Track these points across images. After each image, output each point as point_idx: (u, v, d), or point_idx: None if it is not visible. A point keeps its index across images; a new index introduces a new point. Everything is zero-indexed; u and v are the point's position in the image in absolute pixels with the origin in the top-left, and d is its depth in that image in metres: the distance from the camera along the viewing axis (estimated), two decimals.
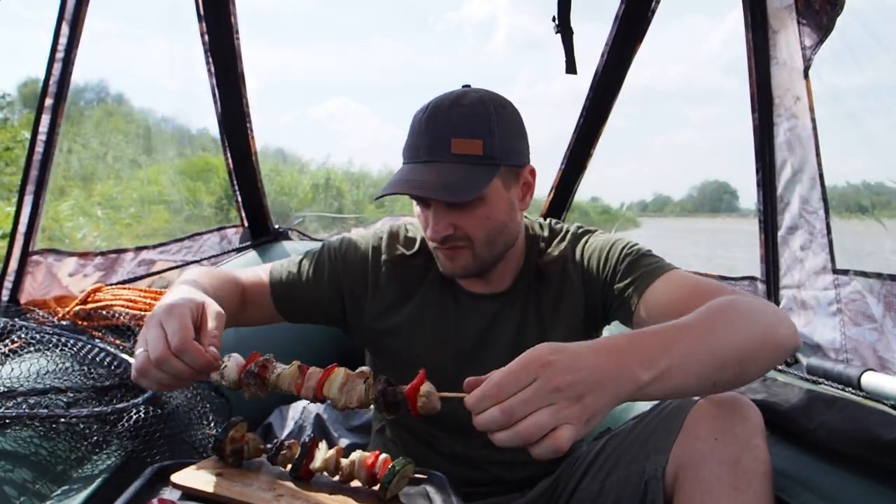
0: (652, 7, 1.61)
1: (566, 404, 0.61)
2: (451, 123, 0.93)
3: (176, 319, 0.78)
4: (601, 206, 27.19)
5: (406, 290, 1.08)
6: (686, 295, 0.88)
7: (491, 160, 0.93)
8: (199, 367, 0.77)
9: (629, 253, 1.01)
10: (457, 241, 0.96)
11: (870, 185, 1.44)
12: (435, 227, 0.95)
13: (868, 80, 1.38)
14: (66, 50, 1.34)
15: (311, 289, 1.09)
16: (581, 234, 1.09)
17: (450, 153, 0.92)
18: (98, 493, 0.82)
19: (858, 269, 1.34)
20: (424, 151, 0.93)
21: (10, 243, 1.37)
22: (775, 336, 0.77)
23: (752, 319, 0.77)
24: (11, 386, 0.94)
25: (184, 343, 0.76)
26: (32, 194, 1.36)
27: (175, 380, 0.78)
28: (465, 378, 1.03)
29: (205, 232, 2.04)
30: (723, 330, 0.74)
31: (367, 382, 0.74)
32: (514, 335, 1.05)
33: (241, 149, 1.94)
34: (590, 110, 1.84)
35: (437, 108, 0.94)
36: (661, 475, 0.92)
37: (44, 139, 1.35)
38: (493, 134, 0.93)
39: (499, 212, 0.97)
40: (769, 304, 0.85)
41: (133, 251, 1.76)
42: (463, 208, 0.94)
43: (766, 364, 0.79)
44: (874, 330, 1.29)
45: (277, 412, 1.50)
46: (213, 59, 1.77)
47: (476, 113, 0.93)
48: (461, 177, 0.91)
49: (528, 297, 1.07)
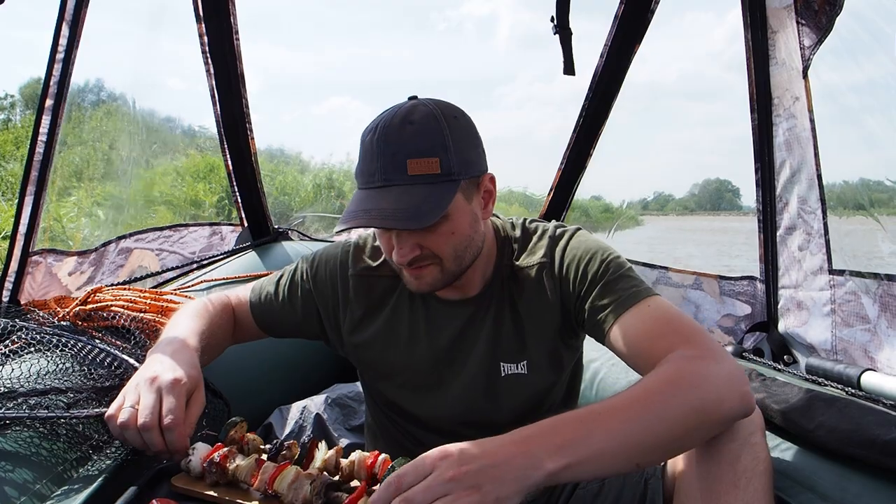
0: (652, 7, 1.61)
1: (464, 493, 0.64)
2: (404, 143, 0.88)
3: (175, 398, 0.82)
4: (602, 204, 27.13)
5: (376, 302, 1.08)
6: (651, 335, 0.87)
7: (449, 177, 0.89)
8: (175, 449, 0.82)
9: (607, 270, 0.96)
10: (423, 261, 0.94)
11: (868, 183, 1.43)
12: (400, 251, 0.92)
13: (867, 78, 1.38)
14: (67, 50, 1.34)
15: (287, 310, 1.11)
16: (559, 237, 1.04)
17: (406, 175, 0.88)
18: (98, 494, 0.82)
19: (855, 270, 1.34)
20: (380, 176, 0.89)
21: (11, 244, 1.37)
22: (718, 412, 0.76)
23: (694, 397, 0.75)
24: (12, 386, 0.94)
25: (174, 424, 0.81)
26: (33, 195, 1.36)
27: (144, 447, 0.82)
28: (444, 383, 1.04)
29: (191, 224, 2.04)
30: (654, 415, 0.73)
31: (312, 484, 0.79)
32: (490, 339, 1.03)
33: (241, 149, 1.94)
34: (590, 109, 1.84)
35: (388, 128, 0.89)
36: (660, 474, 0.93)
37: (44, 140, 1.36)
38: (448, 149, 0.89)
39: (463, 226, 0.93)
40: (726, 363, 0.80)
41: (115, 241, 1.78)
42: (427, 228, 0.90)
43: (704, 438, 0.78)
44: (867, 331, 1.29)
45: (277, 412, 1.50)
46: (213, 60, 1.77)
47: (428, 129, 0.89)
48: (422, 199, 0.87)
49: (503, 300, 1.04)
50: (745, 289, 1.64)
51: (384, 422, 1.15)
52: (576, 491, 1.03)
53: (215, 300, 1.11)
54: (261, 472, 0.81)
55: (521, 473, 0.67)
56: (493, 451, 0.68)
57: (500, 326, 1.04)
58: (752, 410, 0.80)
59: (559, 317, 1.02)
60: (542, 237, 1.06)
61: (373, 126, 0.91)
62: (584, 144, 1.94)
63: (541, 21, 1.60)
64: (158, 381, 0.84)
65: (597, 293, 0.95)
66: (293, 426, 1.44)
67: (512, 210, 8.22)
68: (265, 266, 1.90)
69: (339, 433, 1.45)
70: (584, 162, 2.00)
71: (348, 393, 1.56)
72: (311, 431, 1.43)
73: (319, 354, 1.74)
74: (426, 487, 0.65)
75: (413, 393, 1.07)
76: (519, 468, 0.67)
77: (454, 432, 1.06)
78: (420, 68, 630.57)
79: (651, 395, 0.75)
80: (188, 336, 0.96)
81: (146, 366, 0.89)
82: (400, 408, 1.10)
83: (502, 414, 1.04)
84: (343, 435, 1.45)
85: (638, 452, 0.72)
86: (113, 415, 0.83)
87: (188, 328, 0.99)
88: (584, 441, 0.69)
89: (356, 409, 1.52)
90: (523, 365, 1.03)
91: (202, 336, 0.99)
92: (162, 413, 0.81)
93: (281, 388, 1.60)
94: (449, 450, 0.68)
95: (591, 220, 22.71)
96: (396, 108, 0.92)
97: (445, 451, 0.68)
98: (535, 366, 1.03)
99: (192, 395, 0.86)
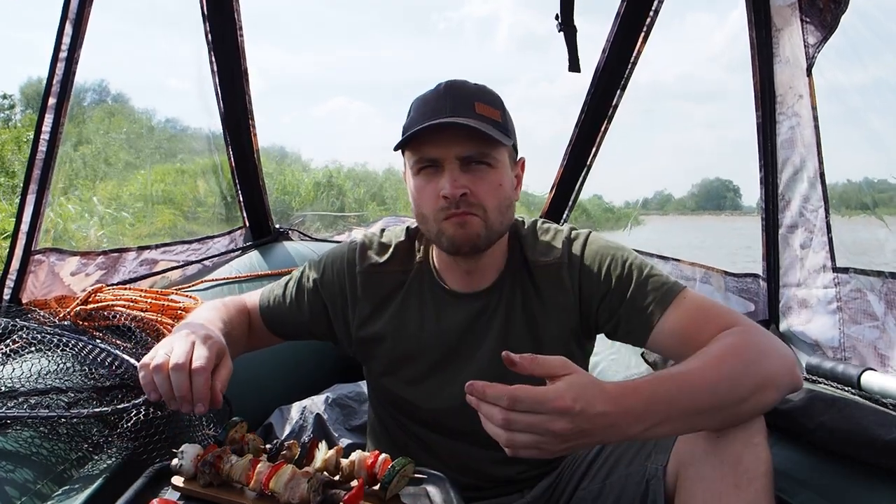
0: (654, 7, 1.60)
1: (554, 442, 0.68)
2: (471, 92, 0.97)
3: (206, 347, 0.85)
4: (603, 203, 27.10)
5: (385, 297, 1.08)
6: (698, 324, 0.90)
7: (506, 131, 0.97)
8: (199, 396, 0.82)
9: (632, 271, 0.98)
10: (470, 207, 0.95)
11: (872, 182, 1.43)
12: (453, 184, 0.93)
13: (872, 77, 1.37)
14: (70, 49, 1.33)
15: (295, 312, 1.12)
16: (574, 238, 1.06)
17: (475, 112, 0.94)
18: (99, 494, 0.82)
19: (859, 268, 1.33)
20: (449, 110, 0.94)
21: (12, 243, 1.36)
22: (774, 381, 0.80)
23: (757, 366, 0.80)
24: (13, 386, 0.94)
25: (204, 368, 0.82)
26: (35, 193, 1.36)
27: (170, 393, 0.82)
28: (457, 373, 1.04)
29: (217, 235, 2.04)
30: (724, 380, 0.77)
31: (309, 482, 0.78)
32: (500, 333, 1.04)
33: (244, 148, 1.94)
34: (590, 109, 1.84)
35: (453, 82, 0.98)
36: (662, 474, 0.92)
37: (46, 139, 1.35)
38: (504, 112, 0.99)
39: (507, 184, 0.99)
40: (775, 343, 0.85)
41: (135, 251, 1.76)
42: (478, 172, 0.95)
43: (762, 407, 0.81)
44: (875, 328, 1.29)
45: (277, 412, 1.50)
46: (217, 58, 1.77)
47: (489, 91, 1.00)
48: (489, 128, 0.93)
49: (514, 295, 1.05)
50: (749, 286, 1.64)
51: (388, 421, 1.15)
52: (577, 492, 1.03)
53: (232, 301, 1.13)
54: (256, 472, 0.80)
55: (606, 437, 0.72)
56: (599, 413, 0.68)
57: (510, 321, 1.04)
58: (800, 386, 0.85)
59: (576, 318, 1.02)
60: (557, 237, 1.07)
61: (433, 86, 0.99)
62: (585, 144, 1.94)
63: (541, 22, 1.60)
64: (193, 336, 0.87)
65: (632, 296, 0.96)
66: (293, 426, 1.45)
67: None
68: (266, 266, 1.90)
69: (339, 433, 1.45)
70: (587, 161, 2.00)
71: (348, 393, 1.56)
72: (311, 431, 1.43)
73: (320, 354, 1.74)
74: (530, 424, 0.67)
75: (419, 386, 1.07)
76: (609, 430, 0.70)
77: (460, 430, 1.06)
78: (420, 69, 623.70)
79: (718, 361, 0.79)
80: (212, 321, 0.98)
81: (176, 330, 0.93)
82: (405, 404, 1.10)
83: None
84: (343, 435, 1.45)
85: (705, 417, 0.77)
86: (146, 363, 0.84)
87: (209, 318, 1.00)
88: (661, 408, 0.73)
89: (356, 409, 1.52)
90: None
91: (225, 326, 1.00)
92: (192, 358, 0.83)
93: (281, 388, 1.60)
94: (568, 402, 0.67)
95: (592, 220, 22.69)
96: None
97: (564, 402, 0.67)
98: None
99: (221, 359, 0.88)
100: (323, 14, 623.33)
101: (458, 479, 1.05)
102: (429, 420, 1.09)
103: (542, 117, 43.29)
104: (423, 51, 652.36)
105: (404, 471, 0.82)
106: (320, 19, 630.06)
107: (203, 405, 0.82)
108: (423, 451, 1.11)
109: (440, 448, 1.10)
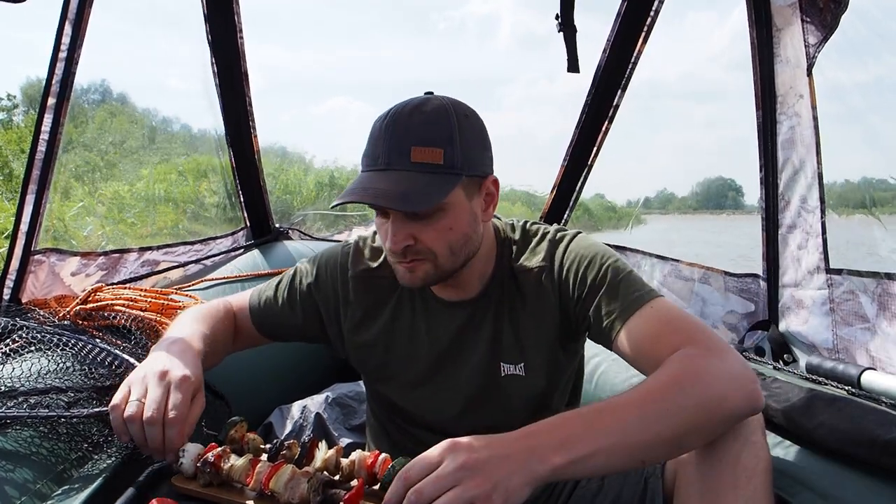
0: (654, 7, 1.60)
1: (474, 482, 0.65)
2: (411, 131, 0.89)
3: (182, 394, 0.83)
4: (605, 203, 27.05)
5: (376, 304, 1.07)
6: (655, 337, 0.86)
7: (451, 170, 0.89)
8: (171, 447, 0.82)
9: (607, 275, 0.95)
10: (417, 255, 0.93)
11: (871, 181, 1.43)
12: (394, 238, 0.91)
13: (872, 77, 1.37)
14: (69, 49, 1.34)
15: (287, 313, 1.11)
16: (559, 240, 1.03)
17: (409, 161, 0.88)
18: (98, 493, 0.82)
19: (853, 269, 1.33)
20: (383, 159, 0.89)
21: (12, 243, 1.37)
22: (721, 409, 0.76)
23: (697, 394, 0.75)
24: (12, 385, 0.94)
25: (177, 420, 0.81)
26: (34, 193, 1.36)
27: (143, 442, 0.81)
28: (448, 381, 1.04)
29: (220, 236, 2.05)
30: (657, 412, 0.73)
31: (309, 482, 0.78)
32: (489, 340, 1.03)
33: (245, 148, 1.94)
34: (591, 109, 1.84)
35: (398, 115, 0.90)
36: (660, 473, 0.93)
37: (46, 138, 1.36)
38: (454, 143, 0.89)
39: (461, 223, 0.93)
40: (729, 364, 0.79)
41: (137, 252, 1.76)
42: (424, 219, 0.90)
43: (710, 435, 0.78)
44: (866, 329, 1.29)
45: (277, 412, 1.50)
46: (217, 59, 1.77)
47: (437, 121, 0.90)
48: (420, 186, 0.87)
49: (502, 302, 1.03)
50: (749, 286, 1.64)
51: (385, 423, 1.16)
52: (576, 490, 1.03)
53: (217, 306, 1.11)
54: (256, 472, 0.81)
55: (528, 467, 0.68)
56: (500, 444, 0.69)
57: (499, 327, 1.03)
58: (760, 408, 0.79)
59: (558, 321, 1.01)
60: (542, 240, 1.05)
61: (385, 113, 0.92)
62: (586, 143, 1.94)
63: (542, 21, 1.60)
64: (169, 377, 0.84)
65: (600, 299, 0.94)
66: (293, 426, 1.45)
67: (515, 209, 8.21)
68: (266, 265, 1.90)
69: (339, 433, 1.45)
70: (588, 161, 1.99)
71: (348, 392, 1.56)
72: (311, 431, 1.43)
73: (319, 354, 1.74)
74: (436, 478, 0.66)
75: (413, 393, 1.07)
76: (525, 461, 0.68)
77: (454, 434, 1.06)
78: (420, 68, 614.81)
79: (655, 393, 0.75)
80: (192, 338, 0.96)
81: (152, 360, 0.89)
82: (401, 409, 1.10)
83: (502, 416, 1.04)
84: (343, 434, 1.45)
85: (642, 449, 0.73)
86: (118, 405, 0.82)
87: (192, 331, 0.99)
88: (588, 437, 0.70)
89: (356, 409, 1.52)
90: (521, 367, 1.02)
91: (205, 340, 0.99)
92: (167, 408, 0.81)
93: (281, 387, 1.60)
94: (457, 441, 0.69)
95: (594, 219, 22.68)
96: (411, 99, 0.93)
97: (453, 443, 0.69)
98: (532, 369, 1.02)
99: (195, 396, 0.87)
100: (322, 13, 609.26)
101: None
102: (425, 424, 1.09)
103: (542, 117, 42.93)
104: (423, 50, 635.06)
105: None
106: (320, 17, 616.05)
107: (174, 455, 0.83)
108: (421, 450, 1.10)
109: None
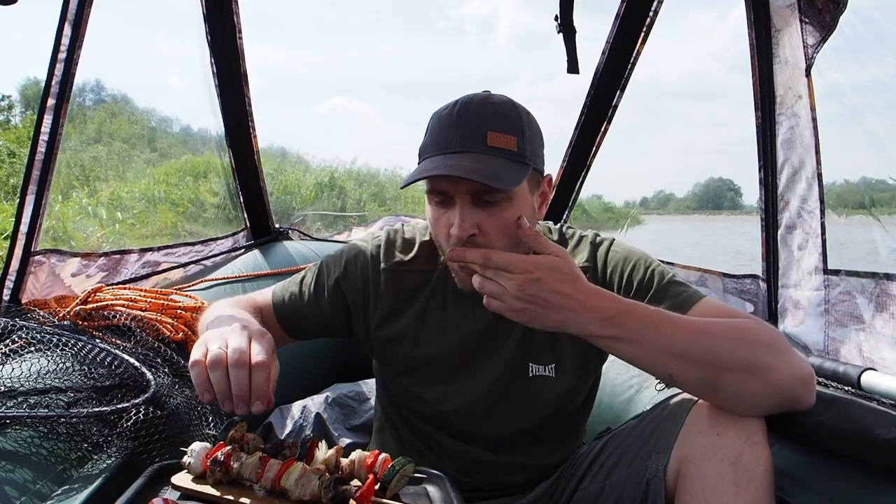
0: (654, 7, 1.60)
1: (520, 301, 0.78)
2: (485, 118, 0.91)
3: (265, 341, 0.82)
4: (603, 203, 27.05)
5: (407, 296, 1.07)
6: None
7: (523, 158, 0.91)
8: (259, 394, 0.77)
9: (654, 276, 0.98)
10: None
11: (870, 182, 1.43)
12: (462, 224, 0.89)
13: (871, 77, 1.37)
14: (69, 50, 1.33)
15: (313, 308, 1.09)
16: (599, 243, 1.07)
17: (485, 145, 0.89)
18: (98, 493, 0.82)
19: (851, 269, 1.34)
20: (458, 142, 0.89)
21: (12, 243, 1.36)
22: (769, 373, 0.79)
23: (749, 347, 0.80)
24: (12, 386, 0.94)
25: (265, 364, 0.78)
26: (34, 194, 1.36)
27: (227, 392, 0.76)
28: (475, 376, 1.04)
29: (220, 237, 2.04)
30: (707, 336, 0.79)
31: (321, 479, 0.78)
32: (520, 338, 1.03)
33: (244, 148, 1.94)
34: (590, 110, 1.84)
35: (468, 104, 0.92)
36: (662, 475, 0.92)
37: (46, 139, 1.35)
38: (524, 134, 0.92)
39: (524, 214, 0.93)
40: (786, 348, 0.83)
41: (137, 252, 1.75)
42: (491, 207, 0.90)
43: (744, 392, 0.81)
44: (860, 331, 1.29)
45: (277, 412, 1.50)
46: (216, 59, 1.77)
47: (507, 112, 0.92)
48: (500, 167, 0.88)
49: None
50: (748, 287, 1.64)
51: (397, 421, 1.15)
52: (577, 492, 1.03)
53: (245, 299, 1.10)
54: (266, 470, 0.80)
55: (567, 320, 0.80)
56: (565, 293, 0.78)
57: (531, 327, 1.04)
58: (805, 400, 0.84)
59: None
60: (582, 242, 1.08)
61: (451, 103, 0.94)
62: (585, 144, 1.94)
63: (541, 21, 1.60)
64: (248, 330, 0.82)
65: (649, 301, 0.95)
66: (293, 426, 1.45)
67: None
68: (266, 265, 1.90)
69: (339, 433, 1.45)
70: (587, 162, 2.00)
71: (348, 393, 1.56)
72: (310, 431, 1.43)
73: (320, 354, 1.74)
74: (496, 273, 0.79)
75: (436, 388, 1.07)
76: (569, 315, 0.79)
77: (468, 432, 1.06)
78: (420, 68, 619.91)
79: (716, 329, 0.82)
80: (244, 315, 0.95)
81: (221, 325, 0.86)
82: (418, 403, 1.09)
83: (524, 417, 1.05)
84: (343, 434, 1.45)
85: (675, 369, 0.81)
86: (199, 360, 0.77)
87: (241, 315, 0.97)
88: (632, 326, 0.79)
89: (356, 409, 1.52)
90: (552, 368, 1.03)
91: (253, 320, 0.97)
92: (251, 353, 0.78)
93: (281, 387, 1.59)
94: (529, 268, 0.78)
95: (592, 220, 22.69)
96: (474, 93, 0.96)
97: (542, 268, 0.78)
98: (563, 370, 1.03)
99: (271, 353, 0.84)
100: (322, 13, 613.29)
101: (462, 480, 1.05)
102: (439, 420, 1.09)
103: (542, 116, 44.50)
104: (422, 50, 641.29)
105: (404, 470, 0.82)
106: (320, 17, 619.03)
107: (262, 404, 0.77)
108: (429, 451, 1.11)
109: (447, 448, 1.10)
